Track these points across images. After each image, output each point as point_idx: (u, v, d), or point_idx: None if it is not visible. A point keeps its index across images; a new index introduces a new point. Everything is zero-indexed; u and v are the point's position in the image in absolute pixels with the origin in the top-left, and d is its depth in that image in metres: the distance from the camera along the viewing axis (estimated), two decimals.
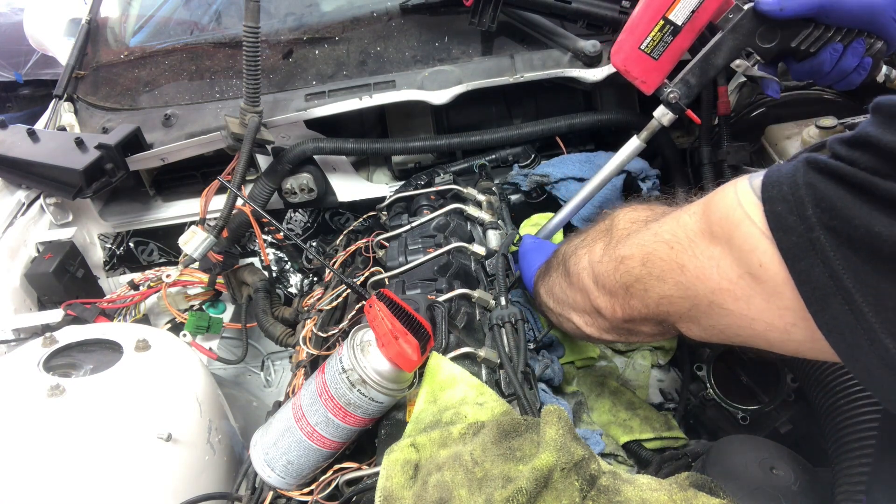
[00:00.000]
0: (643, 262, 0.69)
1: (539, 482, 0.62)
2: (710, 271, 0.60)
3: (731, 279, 0.58)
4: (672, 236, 0.65)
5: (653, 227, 0.70)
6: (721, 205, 0.60)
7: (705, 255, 0.61)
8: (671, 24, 1.04)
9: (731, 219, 0.58)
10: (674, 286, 0.65)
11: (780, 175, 0.54)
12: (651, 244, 0.68)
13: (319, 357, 1.12)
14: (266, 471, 0.86)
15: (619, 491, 0.63)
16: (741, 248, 0.56)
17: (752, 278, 0.55)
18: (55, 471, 0.90)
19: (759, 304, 0.56)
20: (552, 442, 0.64)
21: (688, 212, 0.65)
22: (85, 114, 1.69)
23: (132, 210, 1.66)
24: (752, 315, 0.57)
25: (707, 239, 0.61)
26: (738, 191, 0.58)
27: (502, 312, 0.98)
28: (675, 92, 1.09)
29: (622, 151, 1.20)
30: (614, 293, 0.75)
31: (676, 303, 0.66)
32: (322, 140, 1.48)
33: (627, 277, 0.72)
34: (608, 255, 0.76)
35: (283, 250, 1.71)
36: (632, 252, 0.71)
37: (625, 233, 0.77)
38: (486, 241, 1.23)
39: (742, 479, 0.84)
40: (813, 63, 1.02)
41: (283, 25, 1.69)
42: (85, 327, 1.19)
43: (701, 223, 0.62)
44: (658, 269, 0.67)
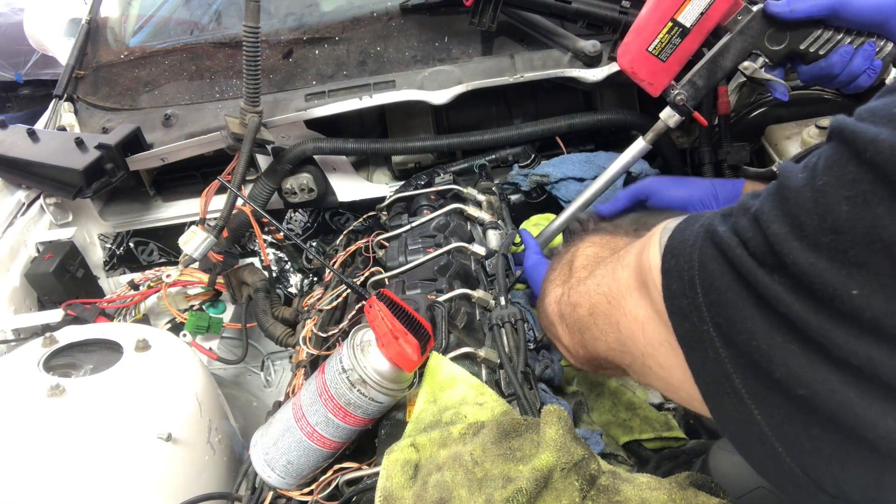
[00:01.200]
0: (590, 312, 0.66)
1: (539, 482, 0.62)
2: (637, 334, 0.57)
3: (654, 345, 0.55)
4: (608, 290, 0.63)
5: (598, 274, 0.67)
6: (642, 263, 0.56)
7: (633, 315, 0.58)
8: (680, 25, 1.03)
9: (647, 283, 0.55)
10: (614, 341, 0.63)
11: (681, 242, 0.50)
12: (594, 295, 0.66)
13: (319, 357, 1.12)
14: (266, 471, 0.86)
15: (619, 490, 0.63)
16: (660, 316, 0.52)
17: (671, 348, 0.52)
18: (55, 471, 0.90)
19: (678, 376, 0.52)
20: (552, 442, 0.64)
21: (622, 263, 0.62)
22: (85, 114, 1.69)
23: (132, 210, 1.66)
24: (675, 383, 0.54)
25: (635, 297, 0.58)
26: (650, 249, 0.55)
27: (502, 312, 0.98)
28: (683, 94, 1.08)
29: (627, 153, 1.19)
30: (573, 334, 0.73)
31: (619, 356, 0.63)
32: (322, 140, 1.48)
33: (580, 324, 0.69)
34: (565, 297, 0.74)
35: (283, 250, 1.71)
36: (580, 301, 0.69)
37: (581, 273, 0.74)
38: (486, 241, 1.23)
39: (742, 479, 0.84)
40: (822, 66, 1.01)
41: (283, 25, 1.69)
42: (85, 327, 1.19)
43: (630, 279, 0.59)
44: (601, 322, 0.64)
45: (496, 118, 1.59)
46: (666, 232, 0.54)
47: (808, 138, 1.31)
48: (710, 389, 0.47)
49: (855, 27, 0.96)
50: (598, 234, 0.80)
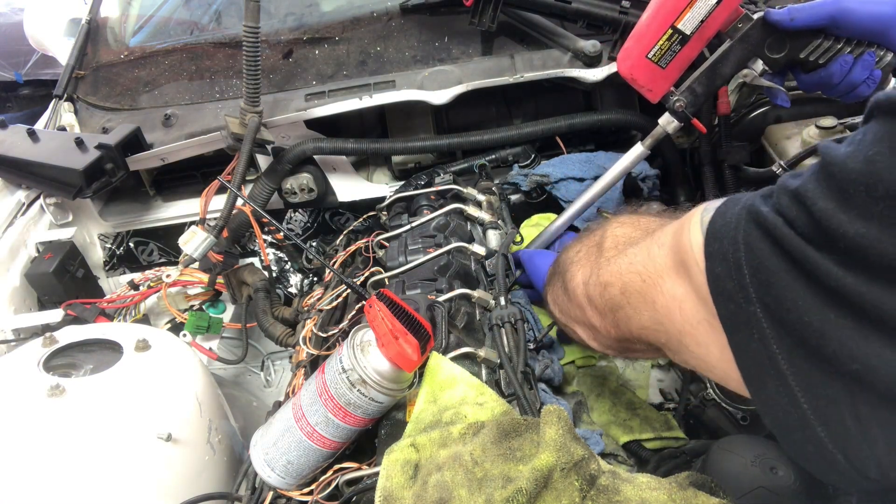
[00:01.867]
0: (622, 291, 0.67)
1: (539, 482, 0.62)
2: (674, 312, 0.58)
3: (692, 324, 0.55)
4: (643, 268, 0.63)
5: (630, 253, 0.67)
6: (682, 243, 0.56)
7: (670, 293, 0.58)
8: (680, 33, 1.03)
9: (687, 263, 0.55)
10: (649, 319, 0.63)
11: (723, 225, 0.51)
12: (627, 274, 0.66)
13: (319, 357, 1.12)
14: (266, 471, 0.86)
15: (619, 490, 0.63)
16: (699, 294, 0.53)
17: (709, 326, 0.52)
18: (55, 471, 0.90)
19: (717, 354, 0.52)
20: (552, 442, 0.64)
21: (657, 242, 0.62)
22: (85, 114, 1.69)
23: (132, 210, 1.66)
24: (712, 362, 0.54)
25: (672, 277, 0.58)
26: (692, 230, 0.55)
27: (502, 312, 0.98)
28: (682, 100, 1.08)
29: (625, 158, 1.19)
30: (604, 315, 0.73)
31: (653, 335, 0.64)
32: (322, 140, 1.48)
33: (612, 304, 0.70)
34: (594, 277, 0.74)
35: (283, 250, 1.71)
36: (612, 280, 0.69)
37: (611, 253, 0.74)
38: (486, 241, 1.23)
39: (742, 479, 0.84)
40: (822, 75, 1.01)
41: (283, 25, 1.69)
42: (85, 327, 1.19)
43: (668, 258, 0.59)
44: (635, 301, 0.65)
45: (496, 118, 1.59)
46: (707, 213, 0.54)
47: (808, 138, 1.31)
48: (753, 372, 0.47)
49: (855, 37, 0.96)
50: (626, 215, 0.80)
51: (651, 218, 0.76)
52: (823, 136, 1.29)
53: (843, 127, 1.31)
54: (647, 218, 0.77)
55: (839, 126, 1.29)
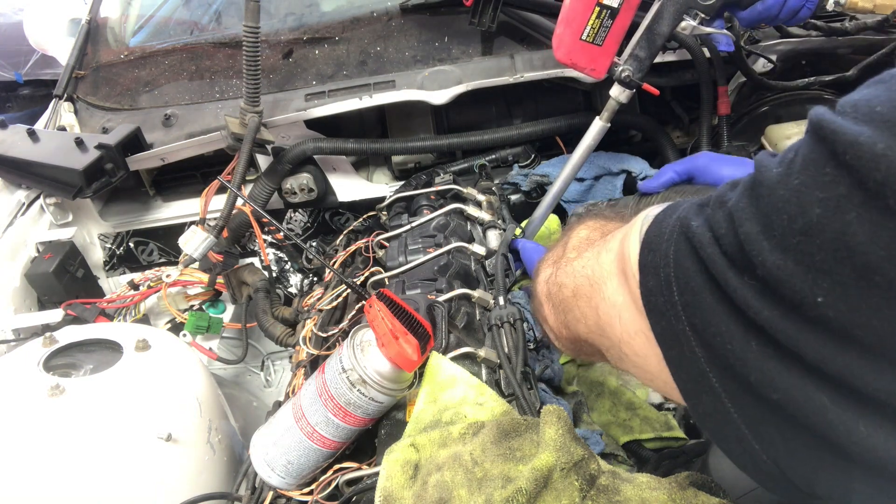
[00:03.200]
0: (573, 293, 0.65)
1: (539, 482, 0.62)
2: (614, 320, 0.56)
3: (630, 333, 0.53)
4: (592, 272, 0.61)
5: (585, 256, 0.66)
6: (624, 251, 0.55)
7: (611, 300, 0.57)
8: (607, 7, 1.02)
9: (626, 273, 0.53)
10: (593, 325, 0.62)
11: (657, 235, 0.49)
12: (578, 277, 0.64)
13: (319, 357, 1.12)
14: (266, 471, 0.86)
15: (619, 490, 0.63)
16: (637, 305, 0.51)
17: (646, 338, 0.51)
18: (55, 470, 0.90)
19: (655, 365, 0.51)
20: (552, 442, 0.64)
21: (607, 247, 0.60)
22: (85, 114, 1.69)
23: (132, 210, 1.66)
24: (652, 371, 0.52)
25: (615, 284, 0.56)
26: (630, 240, 0.53)
27: (501, 313, 0.98)
28: (627, 69, 1.07)
29: (587, 135, 1.19)
30: (558, 315, 0.72)
31: (597, 339, 0.62)
32: (322, 140, 1.48)
33: (564, 305, 0.69)
34: (553, 277, 0.73)
35: (283, 250, 1.71)
36: (566, 281, 0.68)
37: (572, 254, 0.73)
38: (486, 241, 1.23)
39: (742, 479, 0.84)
40: (760, 9, 1.00)
41: (283, 25, 1.69)
42: (85, 327, 1.19)
43: (613, 265, 0.57)
44: (582, 304, 0.63)
45: (496, 118, 1.59)
46: (647, 221, 0.52)
47: None
48: (689, 387, 0.46)
49: None
50: (594, 218, 0.79)
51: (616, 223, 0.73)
52: None
53: None
54: (611, 223, 0.74)
55: None
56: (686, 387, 0.47)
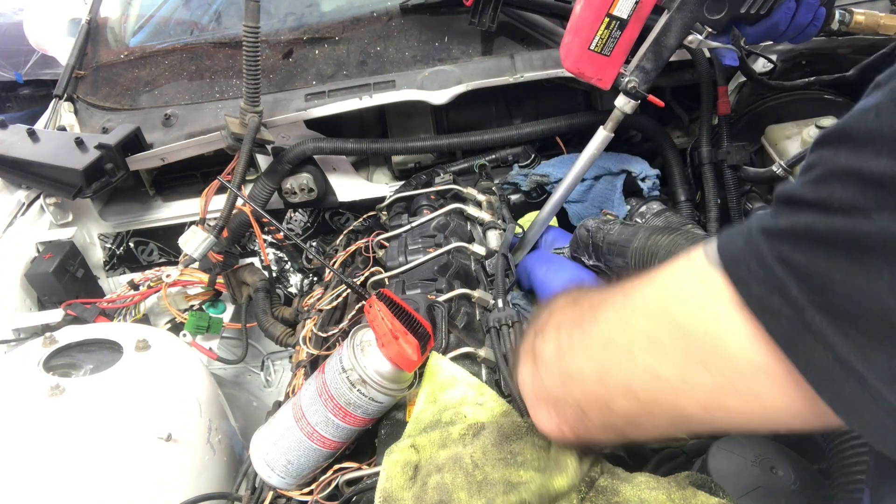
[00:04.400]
0: (599, 377, 0.57)
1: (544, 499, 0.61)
2: (697, 378, 0.51)
3: (730, 378, 0.49)
4: (628, 342, 0.55)
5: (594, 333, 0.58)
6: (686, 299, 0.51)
7: (685, 360, 0.51)
8: (617, 19, 1.02)
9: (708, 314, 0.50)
10: (647, 400, 0.54)
11: (737, 252, 0.47)
12: (603, 357, 0.56)
13: (319, 357, 1.12)
14: (266, 471, 0.86)
15: (618, 491, 0.63)
16: (733, 344, 0.48)
17: (755, 370, 0.48)
18: (55, 470, 0.90)
19: (772, 396, 0.48)
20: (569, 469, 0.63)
21: (637, 309, 0.55)
22: (85, 114, 1.69)
23: (132, 210, 1.66)
24: (767, 406, 0.49)
25: (680, 340, 0.51)
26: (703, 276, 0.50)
27: (500, 315, 0.97)
28: (634, 80, 1.07)
29: (591, 144, 1.19)
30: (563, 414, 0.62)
31: (653, 418, 0.56)
32: (322, 140, 1.48)
33: (582, 400, 0.59)
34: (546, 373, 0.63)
35: (283, 250, 1.71)
36: (581, 367, 0.59)
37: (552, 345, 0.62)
38: (486, 241, 1.23)
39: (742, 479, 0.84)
40: (768, 25, 1.00)
41: (283, 25, 1.69)
42: (85, 327, 1.19)
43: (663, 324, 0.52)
44: (621, 384, 0.55)
45: (496, 118, 1.59)
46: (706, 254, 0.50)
47: (808, 138, 1.31)
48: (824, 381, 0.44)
49: None
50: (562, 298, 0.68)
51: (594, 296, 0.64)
52: None
53: None
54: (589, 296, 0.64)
55: None
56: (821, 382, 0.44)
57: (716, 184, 1.45)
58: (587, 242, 1.11)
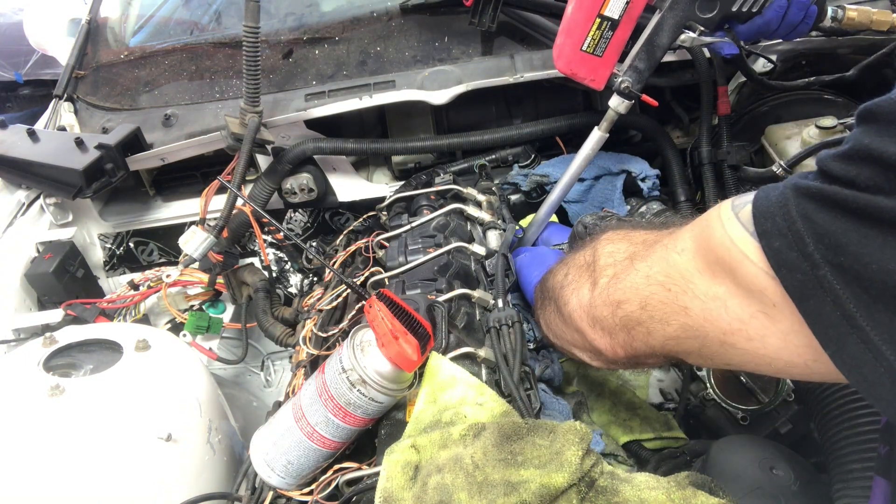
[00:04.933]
0: (642, 306, 0.65)
1: (544, 499, 0.61)
2: (717, 312, 0.57)
3: (743, 319, 0.55)
4: (667, 278, 0.62)
5: (640, 267, 0.66)
6: (713, 242, 0.56)
7: (709, 295, 0.57)
8: (608, 19, 1.02)
9: (727, 259, 0.55)
10: (679, 328, 0.62)
11: (769, 205, 0.51)
12: (646, 288, 0.64)
13: (319, 357, 1.12)
14: (266, 471, 0.86)
15: (618, 491, 0.63)
16: (748, 289, 0.53)
17: (765, 317, 0.53)
18: (55, 470, 0.90)
19: (776, 343, 0.53)
20: (568, 465, 0.63)
21: (675, 249, 0.62)
22: (85, 114, 1.69)
23: (132, 210, 1.66)
24: (769, 353, 0.54)
25: (707, 278, 0.57)
26: (725, 225, 0.55)
27: (500, 315, 0.97)
28: (627, 80, 1.07)
29: (586, 145, 1.20)
30: (614, 335, 0.72)
31: (684, 343, 0.63)
32: (322, 140, 1.48)
33: (627, 321, 0.68)
34: (600, 298, 0.72)
35: (283, 250, 1.71)
36: (627, 297, 0.67)
37: (609, 271, 0.72)
38: (486, 241, 1.23)
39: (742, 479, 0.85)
40: (759, 23, 1.01)
41: (283, 25, 1.69)
42: (85, 327, 1.19)
43: (695, 262, 0.59)
44: (660, 313, 0.63)
45: (496, 118, 1.59)
46: (737, 207, 0.55)
47: (808, 138, 1.31)
48: (830, 333, 0.47)
49: None
50: (612, 231, 0.79)
51: (642, 231, 0.74)
52: (823, 136, 1.29)
53: (843, 127, 1.31)
54: (638, 231, 0.75)
55: (839, 126, 1.29)
56: (827, 335, 0.47)
57: (716, 184, 1.45)
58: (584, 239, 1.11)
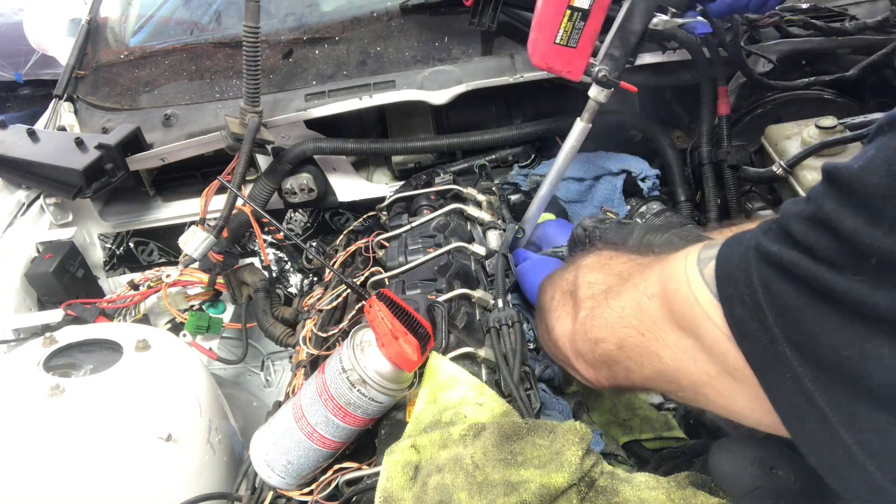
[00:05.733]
0: (619, 346, 0.64)
1: (544, 499, 0.61)
2: (687, 364, 0.55)
3: (711, 375, 0.53)
4: (639, 322, 0.61)
5: (615, 305, 0.65)
6: (678, 296, 0.54)
7: (678, 346, 0.56)
8: (578, 10, 1.03)
9: (691, 316, 0.53)
10: (655, 372, 0.61)
11: (732, 267, 0.49)
12: (620, 329, 0.63)
13: (319, 357, 1.12)
14: (266, 471, 0.86)
15: (618, 491, 0.63)
16: (711, 350, 0.52)
17: (731, 379, 0.51)
18: (55, 471, 0.90)
19: (744, 404, 0.51)
20: (568, 465, 0.63)
21: (646, 293, 0.60)
22: (85, 114, 1.69)
23: (132, 210, 1.66)
24: (740, 411, 0.53)
25: (674, 330, 0.56)
26: (690, 281, 0.53)
27: (499, 315, 0.97)
28: (604, 69, 1.08)
29: (570, 136, 1.20)
30: (597, 368, 0.71)
31: (662, 385, 0.62)
32: (322, 140, 1.48)
33: (607, 359, 0.68)
34: (580, 333, 0.71)
35: (283, 250, 1.71)
36: (604, 335, 0.67)
37: (588, 304, 0.71)
38: (486, 241, 1.23)
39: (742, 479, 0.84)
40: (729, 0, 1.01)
41: (283, 25, 1.69)
42: (85, 327, 1.19)
43: (662, 311, 0.57)
44: (636, 356, 0.62)
45: (496, 118, 1.59)
46: (703, 262, 0.53)
47: (808, 138, 1.31)
48: (790, 412, 0.46)
49: None
50: (593, 257, 0.77)
51: (620, 261, 0.73)
52: (823, 136, 1.29)
53: (843, 127, 1.31)
54: (616, 261, 0.73)
55: (839, 126, 1.30)
56: (787, 412, 0.46)
57: (716, 184, 1.45)
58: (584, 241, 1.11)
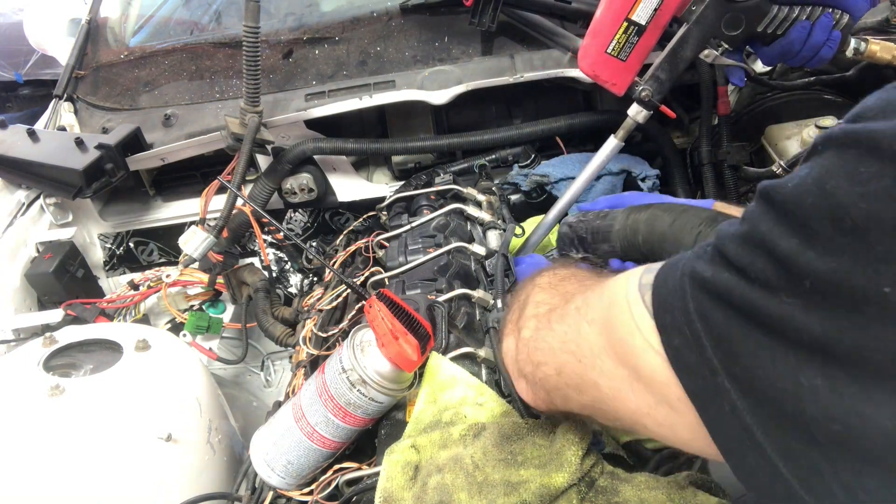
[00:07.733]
0: (558, 372, 0.62)
1: (544, 499, 0.61)
2: (624, 394, 0.53)
3: (650, 405, 0.51)
4: (577, 348, 0.58)
5: (557, 328, 0.62)
6: (618, 322, 0.52)
7: (615, 376, 0.53)
8: (635, 24, 1.03)
9: (631, 345, 0.51)
10: (593, 400, 0.58)
11: (668, 294, 0.47)
12: (560, 354, 0.61)
13: (319, 357, 1.12)
14: (266, 471, 0.86)
15: (618, 491, 0.63)
16: (651, 380, 0.49)
17: (670, 409, 0.49)
18: (55, 471, 0.90)
19: (685, 434, 0.49)
20: (568, 465, 0.63)
21: (586, 318, 0.57)
22: (85, 114, 1.69)
23: (132, 210, 1.66)
24: (682, 441, 0.51)
25: (612, 358, 0.54)
26: (632, 308, 0.51)
27: (499, 315, 0.97)
28: (648, 89, 1.08)
29: (601, 152, 1.19)
30: (536, 391, 0.68)
31: (600, 414, 0.60)
32: (322, 140, 1.48)
33: (546, 384, 0.65)
34: (523, 353, 0.68)
35: (283, 250, 1.71)
36: (545, 359, 0.64)
37: (531, 323, 0.68)
38: (486, 241, 1.23)
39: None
40: (783, 44, 1.00)
41: (283, 25, 1.69)
42: (85, 327, 1.19)
43: (601, 338, 0.55)
44: (574, 382, 0.60)
45: (496, 118, 1.59)
46: (644, 288, 0.51)
47: (808, 138, 1.31)
48: (731, 446, 0.44)
49: (809, 2, 0.96)
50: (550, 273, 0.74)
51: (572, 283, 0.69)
52: None
53: None
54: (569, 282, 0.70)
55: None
56: (728, 446, 0.44)
57: (716, 184, 1.45)
58: (572, 237, 1.11)
